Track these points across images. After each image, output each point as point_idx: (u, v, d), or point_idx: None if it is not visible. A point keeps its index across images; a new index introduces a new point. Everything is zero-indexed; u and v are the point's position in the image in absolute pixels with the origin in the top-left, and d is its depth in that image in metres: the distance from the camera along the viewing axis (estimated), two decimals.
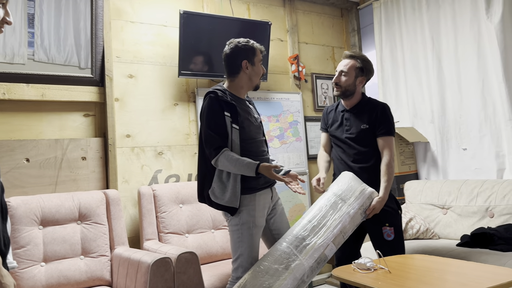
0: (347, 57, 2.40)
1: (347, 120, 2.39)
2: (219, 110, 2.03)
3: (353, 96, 2.38)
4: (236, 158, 1.97)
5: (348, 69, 2.36)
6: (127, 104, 2.94)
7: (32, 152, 2.57)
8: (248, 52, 2.14)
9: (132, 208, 2.88)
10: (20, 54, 2.58)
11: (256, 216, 2.06)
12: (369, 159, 2.32)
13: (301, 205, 3.63)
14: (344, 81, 2.35)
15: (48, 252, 2.31)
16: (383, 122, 2.31)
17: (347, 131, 2.37)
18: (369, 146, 2.32)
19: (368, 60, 2.39)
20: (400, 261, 2.01)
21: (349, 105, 2.41)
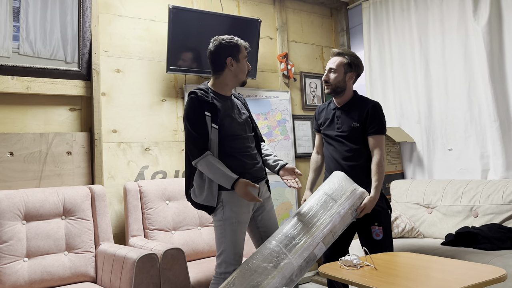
0: (335, 54, 2.41)
1: (338, 118, 2.39)
2: (200, 110, 2.04)
3: (344, 93, 2.38)
4: (216, 167, 1.98)
5: (336, 66, 2.36)
6: (114, 99, 2.91)
7: (16, 146, 2.52)
8: (233, 49, 2.12)
9: (117, 204, 2.84)
10: (5, 47, 2.53)
11: (239, 212, 2.05)
12: (360, 157, 2.32)
13: (288, 203, 3.63)
14: (333, 78, 2.36)
15: (32, 247, 2.26)
16: (374, 120, 2.31)
17: (338, 129, 2.37)
18: (360, 144, 2.33)
19: (356, 55, 2.40)
20: (386, 258, 2.02)
21: (341, 103, 2.41)
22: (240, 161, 2.11)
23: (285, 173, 2.19)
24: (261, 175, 2.19)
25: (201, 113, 2.04)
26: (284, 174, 2.19)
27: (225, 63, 2.12)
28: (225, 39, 2.13)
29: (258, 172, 2.17)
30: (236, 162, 2.10)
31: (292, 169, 2.18)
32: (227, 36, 2.16)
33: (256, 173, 2.15)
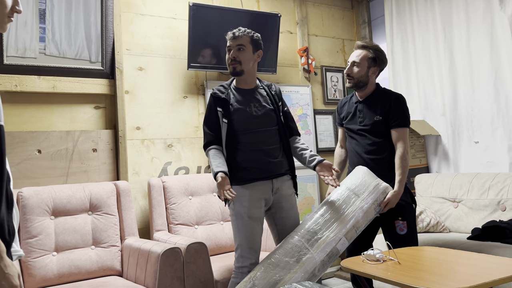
0: (359, 47, 2.36)
1: (360, 111, 2.36)
2: (213, 107, 2.16)
3: (366, 87, 2.34)
4: (210, 160, 2.11)
5: (360, 59, 2.32)
6: (137, 97, 2.96)
7: (44, 144, 2.60)
8: None
9: (142, 200, 2.90)
10: (32, 48, 2.61)
11: (249, 207, 2.06)
12: (383, 151, 2.29)
13: (310, 198, 3.62)
14: (356, 72, 2.32)
15: (60, 242, 2.34)
16: (397, 113, 2.26)
17: (361, 123, 2.34)
18: (383, 138, 2.29)
19: (381, 49, 2.35)
20: (410, 252, 1.99)
21: (363, 96, 2.38)
22: (248, 155, 2.11)
23: (322, 169, 2.14)
24: (278, 171, 2.15)
25: (214, 110, 2.15)
26: (321, 170, 2.14)
27: None
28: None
29: (274, 167, 2.14)
30: (243, 157, 2.11)
31: (329, 166, 2.14)
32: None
33: (270, 168, 2.12)
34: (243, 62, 2.14)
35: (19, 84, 2.55)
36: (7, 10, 1.19)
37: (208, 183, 2.91)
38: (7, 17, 1.19)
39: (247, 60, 2.15)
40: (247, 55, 2.15)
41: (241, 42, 2.14)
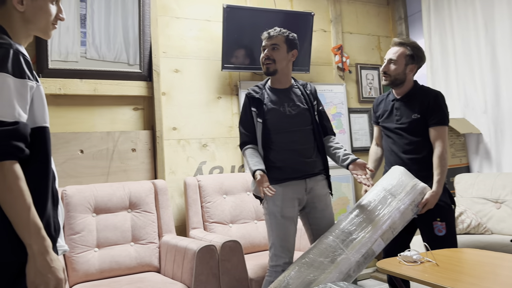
0: (396, 44, 2.31)
1: (397, 109, 2.31)
2: (248, 107, 2.19)
3: (403, 84, 2.29)
4: (247, 159, 2.13)
5: (397, 57, 2.27)
6: (173, 98, 3.03)
7: (86, 144, 2.71)
8: None
9: (178, 198, 2.97)
10: (74, 52, 2.72)
11: (282, 206, 2.07)
12: (421, 150, 2.23)
13: (344, 198, 3.58)
14: (393, 69, 2.28)
15: (101, 238, 2.43)
16: (436, 111, 2.20)
17: (398, 121, 2.29)
18: (421, 136, 2.23)
19: (419, 46, 2.29)
20: (449, 254, 1.94)
21: (400, 94, 2.32)
22: (280, 155, 2.12)
23: (355, 167, 2.11)
24: (312, 171, 2.15)
25: (249, 110, 2.18)
26: (355, 168, 2.10)
27: None
28: None
29: (307, 167, 2.14)
30: (276, 156, 2.12)
31: (363, 165, 2.10)
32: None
33: (303, 168, 2.12)
34: (277, 61, 2.15)
35: (62, 87, 2.68)
36: (52, 18, 1.26)
37: (242, 182, 2.95)
38: (52, 25, 1.27)
39: (281, 59, 2.16)
40: (281, 54, 2.16)
41: (275, 41, 2.16)
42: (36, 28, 1.25)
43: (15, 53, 1.12)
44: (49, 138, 1.21)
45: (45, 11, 1.23)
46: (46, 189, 1.17)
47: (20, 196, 1.07)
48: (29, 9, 1.21)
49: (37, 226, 1.09)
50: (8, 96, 1.08)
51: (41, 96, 1.20)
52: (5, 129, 1.06)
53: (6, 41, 1.13)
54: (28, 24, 1.22)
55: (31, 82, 1.15)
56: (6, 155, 1.07)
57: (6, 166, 1.06)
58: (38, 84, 1.20)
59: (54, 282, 1.10)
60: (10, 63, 1.10)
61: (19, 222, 1.07)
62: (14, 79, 1.10)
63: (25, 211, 1.07)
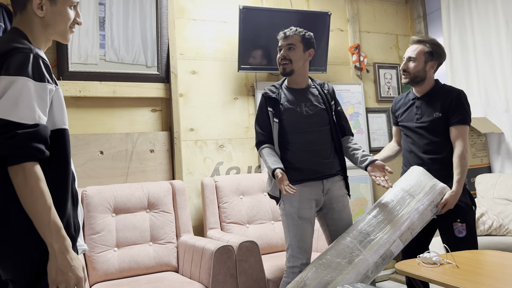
0: (415, 42, 2.28)
1: (418, 108, 2.27)
2: (264, 107, 2.18)
3: (424, 82, 2.26)
4: (264, 158, 2.12)
5: (416, 54, 2.24)
6: (191, 99, 3.06)
7: (106, 145, 2.76)
8: None
9: (196, 198, 2.99)
10: (93, 55, 2.78)
11: (299, 207, 2.06)
12: (442, 150, 2.19)
13: (362, 199, 3.55)
14: (412, 67, 2.25)
15: (120, 238, 2.47)
16: (458, 109, 2.16)
17: (418, 120, 2.25)
18: (442, 136, 2.19)
19: (438, 43, 2.26)
20: (469, 256, 1.91)
21: (421, 92, 2.29)
22: (297, 155, 2.11)
23: (374, 169, 2.08)
24: (329, 171, 2.14)
25: (265, 110, 2.18)
26: (373, 170, 2.08)
27: None
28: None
29: (324, 168, 2.12)
30: (292, 157, 2.11)
31: (382, 166, 2.07)
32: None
33: (320, 169, 2.11)
34: (293, 61, 2.15)
35: (82, 90, 2.73)
36: (70, 22, 1.29)
37: (258, 182, 2.95)
38: (69, 29, 1.30)
39: (297, 59, 2.15)
40: (297, 54, 2.15)
41: (291, 41, 2.16)
42: (55, 33, 1.28)
43: (35, 57, 1.16)
44: (69, 140, 1.24)
45: (63, 15, 1.27)
46: (66, 189, 1.21)
47: (40, 197, 1.10)
48: (48, 14, 1.24)
49: (58, 226, 1.12)
50: (29, 99, 1.11)
51: (60, 99, 1.23)
52: (26, 132, 1.09)
53: (26, 46, 1.17)
54: (47, 28, 1.26)
55: (51, 85, 1.18)
56: (27, 156, 1.10)
57: (27, 168, 1.10)
58: (57, 87, 1.23)
59: (74, 280, 1.12)
60: (30, 67, 1.13)
61: (40, 222, 1.10)
62: (34, 83, 1.13)
63: (46, 211, 1.10)
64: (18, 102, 1.10)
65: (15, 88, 1.10)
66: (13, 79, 1.11)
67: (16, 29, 1.24)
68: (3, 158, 1.10)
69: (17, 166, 1.09)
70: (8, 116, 1.09)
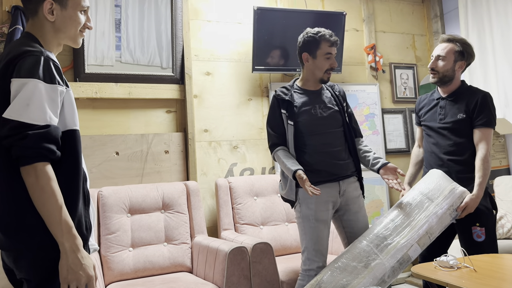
0: (445, 40, 2.24)
1: (442, 108, 2.23)
2: (277, 108, 2.15)
3: (451, 82, 2.22)
4: (281, 160, 2.08)
5: (446, 53, 2.20)
6: (205, 100, 3.07)
7: (121, 146, 2.79)
8: (310, 45, 2.12)
9: (210, 199, 3.00)
10: (109, 56, 2.81)
11: (316, 210, 2.04)
12: (464, 151, 2.15)
13: (378, 201, 3.51)
14: (441, 66, 2.20)
15: (135, 238, 2.49)
16: (483, 111, 2.11)
17: (441, 120, 2.21)
18: (465, 138, 2.15)
19: (468, 43, 2.22)
20: (487, 260, 1.87)
21: (446, 92, 2.25)
22: (314, 158, 2.09)
23: (386, 172, 2.08)
24: (345, 173, 2.12)
25: (278, 112, 2.14)
26: (385, 173, 2.08)
27: (302, 59, 2.15)
28: (308, 33, 2.14)
29: (340, 169, 2.11)
30: (310, 159, 2.10)
31: (394, 169, 2.07)
32: (313, 29, 2.14)
33: (336, 170, 2.10)
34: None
35: (98, 91, 2.76)
36: (80, 26, 1.31)
37: (272, 184, 2.94)
38: (80, 32, 1.32)
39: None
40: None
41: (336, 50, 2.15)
42: (66, 37, 1.30)
43: (46, 60, 1.18)
44: (79, 140, 1.26)
45: (74, 20, 1.29)
46: (77, 189, 1.22)
47: (52, 196, 1.12)
48: (59, 19, 1.26)
49: (69, 225, 1.14)
50: (40, 101, 1.14)
51: (71, 101, 1.25)
52: (38, 132, 1.12)
53: (37, 49, 1.19)
54: (58, 33, 1.28)
55: (61, 87, 1.21)
56: (38, 157, 1.12)
57: (39, 168, 1.12)
58: (68, 89, 1.25)
59: (85, 279, 1.14)
60: (41, 70, 1.15)
61: (52, 221, 1.12)
62: (45, 85, 1.15)
63: (57, 211, 1.12)
64: (29, 104, 1.12)
65: (26, 90, 1.13)
66: (25, 81, 1.13)
67: (28, 33, 1.27)
68: (16, 159, 1.12)
69: (29, 166, 1.11)
70: (19, 117, 1.11)
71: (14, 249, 1.16)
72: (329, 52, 2.11)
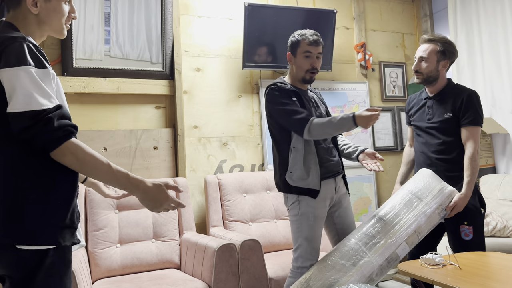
0: (426, 41, 2.25)
1: (429, 108, 2.25)
2: (286, 95, 2.06)
3: (437, 82, 2.23)
4: (328, 119, 1.95)
5: (428, 54, 2.21)
6: (195, 96, 3.06)
7: (109, 142, 2.76)
8: (292, 44, 2.14)
9: (199, 196, 2.99)
10: (98, 50, 2.78)
11: (315, 207, 2.05)
12: (452, 150, 2.17)
13: (366, 198, 3.54)
14: (425, 67, 2.21)
15: (123, 234, 2.48)
16: (469, 110, 2.13)
17: (429, 120, 2.23)
18: (453, 137, 2.17)
19: (449, 41, 2.23)
20: (472, 258, 1.90)
21: (433, 91, 2.26)
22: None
23: (365, 157, 2.14)
24: (337, 169, 2.15)
25: (288, 97, 2.05)
26: (364, 158, 2.14)
27: (287, 58, 2.18)
28: (293, 34, 2.16)
29: (334, 166, 2.14)
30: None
31: (373, 153, 2.13)
32: (302, 30, 2.16)
33: (331, 167, 2.12)
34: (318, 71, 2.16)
35: (86, 86, 2.73)
36: (65, 18, 1.29)
37: (262, 181, 2.95)
38: (64, 24, 1.30)
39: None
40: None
41: (320, 50, 2.12)
42: (50, 29, 1.28)
43: (29, 45, 1.16)
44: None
45: (58, 11, 1.26)
46: (75, 177, 1.25)
47: (96, 161, 1.15)
48: (43, 11, 1.24)
49: (124, 174, 1.19)
50: (40, 86, 1.13)
51: (58, 84, 1.25)
52: (56, 113, 1.12)
53: (19, 35, 1.17)
54: (42, 25, 1.26)
55: (52, 70, 1.20)
56: (67, 135, 1.14)
57: (71, 145, 1.14)
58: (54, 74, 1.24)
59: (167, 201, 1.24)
60: (29, 56, 1.14)
61: (112, 180, 1.17)
62: (37, 70, 1.15)
63: (109, 168, 1.17)
64: (32, 91, 1.11)
65: (22, 79, 1.11)
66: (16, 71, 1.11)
67: (9, 23, 1.23)
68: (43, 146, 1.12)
69: (62, 147, 1.12)
70: (30, 107, 1.10)
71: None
72: (307, 50, 2.09)
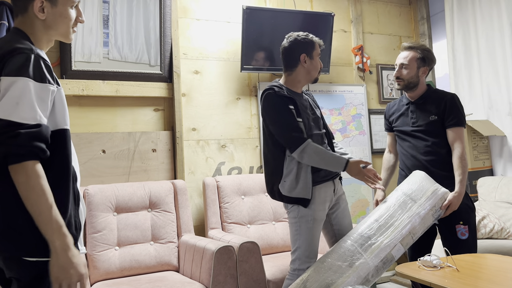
0: (406, 48, 2.33)
1: (413, 112, 2.31)
2: (283, 104, 2.04)
3: (417, 87, 2.31)
4: (325, 151, 1.99)
5: (409, 61, 2.29)
6: (193, 99, 3.07)
7: (108, 144, 2.76)
8: (307, 46, 2.15)
9: (197, 198, 3.00)
10: (96, 53, 2.78)
11: (315, 209, 2.06)
12: (439, 151, 2.23)
13: (364, 200, 3.55)
14: (406, 74, 2.29)
15: (122, 237, 2.48)
16: (453, 112, 2.21)
17: (414, 124, 2.29)
18: (439, 138, 2.24)
19: (428, 49, 2.33)
20: (470, 260, 1.91)
21: (414, 97, 2.34)
22: None
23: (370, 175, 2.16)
24: (335, 172, 2.17)
25: (286, 106, 2.04)
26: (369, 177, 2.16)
27: (299, 60, 2.14)
28: (300, 36, 2.16)
29: None
30: None
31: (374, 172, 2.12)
32: (302, 32, 2.18)
33: (329, 170, 2.12)
34: None
35: (85, 88, 2.74)
36: (72, 22, 1.30)
37: (260, 183, 2.95)
38: (71, 28, 1.31)
39: None
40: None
41: None
42: (57, 34, 1.29)
43: (36, 58, 1.16)
44: (70, 139, 1.25)
45: (65, 16, 1.27)
46: (67, 189, 1.22)
47: (42, 195, 1.11)
48: (50, 16, 1.25)
49: (59, 224, 1.13)
50: (30, 100, 1.12)
51: (61, 99, 1.24)
52: (28, 131, 1.10)
53: (27, 46, 1.17)
54: (49, 30, 1.26)
55: (52, 86, 1.19)
56: (29, 155, 1.11)
57: (29, 166, 1.11)
58: (59, 88, 1.23)
59: (76, 278, 1.13)
60: (31, 68, 1.14)
61: (42, 220, 1.11)
62: (35, 83, 1.14)
63: (47, 209, 1.11)
64: (19, 102, 1.11)
65: (15, 89, 1.11)
66: (14, 80, 1.11)
67: (18, 29, 1.24)
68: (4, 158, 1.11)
69: (18, 164, 1.10)
70: (9, 116, 1.10)
71: (4, 250, 1.15)
72: (319, 53, 2.19)
